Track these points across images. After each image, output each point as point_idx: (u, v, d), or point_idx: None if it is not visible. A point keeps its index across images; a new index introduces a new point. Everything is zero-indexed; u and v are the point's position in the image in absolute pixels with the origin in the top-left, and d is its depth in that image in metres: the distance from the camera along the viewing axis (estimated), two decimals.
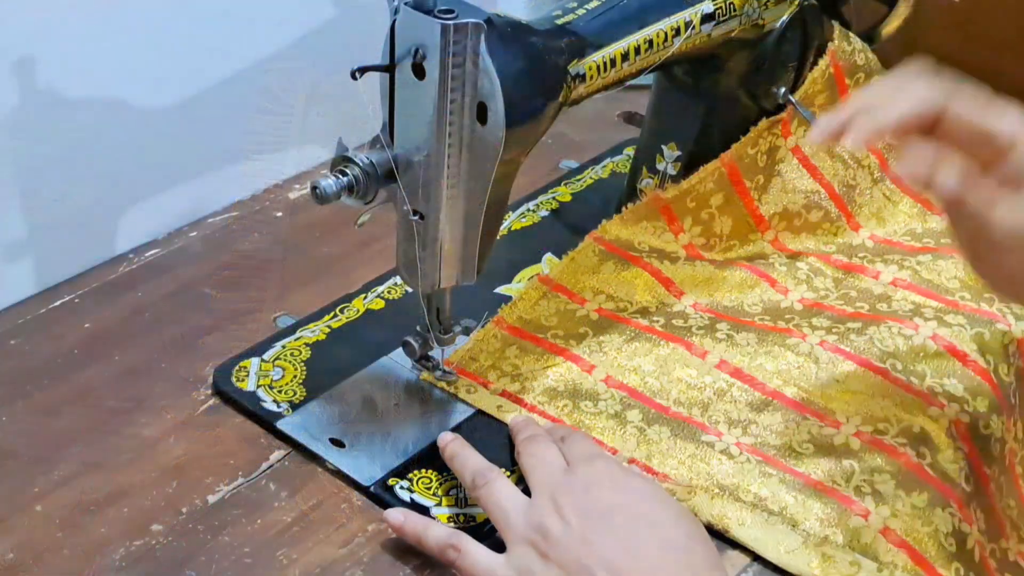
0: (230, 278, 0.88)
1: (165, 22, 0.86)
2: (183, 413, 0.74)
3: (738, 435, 0.72)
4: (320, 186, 0.64)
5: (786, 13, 0.85)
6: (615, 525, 0.60)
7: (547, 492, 0.63)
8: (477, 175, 0.66)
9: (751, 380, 0.75)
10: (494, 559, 0.62)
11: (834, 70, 0.88)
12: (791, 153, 0.88)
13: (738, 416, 0.73)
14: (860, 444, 0.70)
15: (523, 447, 0.68)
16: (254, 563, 0.65)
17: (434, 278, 0.69)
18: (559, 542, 0.60)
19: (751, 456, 0.70)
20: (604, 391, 0.75)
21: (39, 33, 0.79)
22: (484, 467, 0.66)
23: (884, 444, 0.70)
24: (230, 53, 0.92)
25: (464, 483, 0.67)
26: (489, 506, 0.64)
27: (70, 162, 0.84)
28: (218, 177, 0.95)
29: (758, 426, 0.72)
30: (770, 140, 0.87)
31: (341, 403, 0.75)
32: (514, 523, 0.62)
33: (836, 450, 0.70)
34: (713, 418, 0.73)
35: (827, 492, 0.68)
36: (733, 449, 0.71)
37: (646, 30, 0.75)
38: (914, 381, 0.74)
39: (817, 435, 0.71)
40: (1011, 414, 0.75)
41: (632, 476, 0.65)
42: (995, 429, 0.72)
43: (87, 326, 0.82)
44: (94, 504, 0.68)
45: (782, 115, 0.87)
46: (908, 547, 0.65)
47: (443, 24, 0.61)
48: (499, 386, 0.75)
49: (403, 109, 0.65)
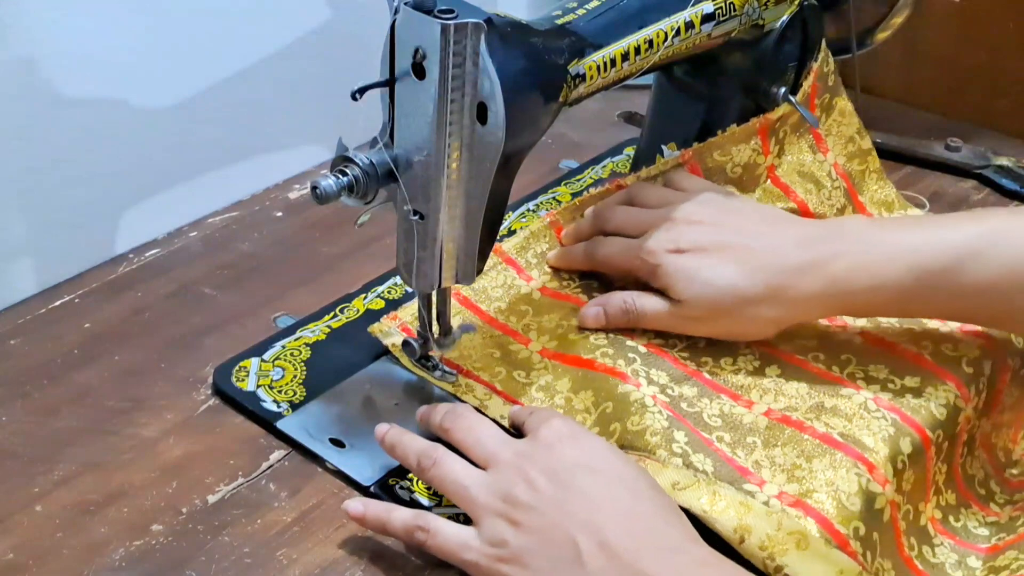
0: (230, 278, 0.88)
1: (165, 22, 0.86)
2: (183, 413, 0.74)
3: (655, 392, 0.72)
4: (320, 186, 0.64)
5: (786, 13, 0.85)
6: (583, 483, 0.60)
7: (504, 460, 0.62)
8: (477, 175, 0.66)
9: (677, 361, 0.76)
10: (465, 533, 0.61)
11: (812, 89, 0.88)
12: (767, 172, 0.87)
13: (659, 380, 0.74)
14: (768, 422, 0.71)
15: (448, 423, 0.66)
16: (254, 563, 0.65)
17: (434, 278, 0.69)
18: (530, 508, 0.60)
19: (663, 410, 0.71)
20: (538, 362, 0.75)
21: (39, 33, 0.79)
22: (427, 447, 0.65)
23: (792, 420, 0.70)
24: (230, 53, 0.92)
25: (411, 468, 0.66)
26: (445, 485, 0.63)
27: (70, 162, 0.84)
28: (218, 177, 0.95)
29: (674, 391, 0.73)
30: (749, 155, 0.85)
31: (341, 403, 0.75)
32: (477, 496, 0.61)
33: (744, 427, 0.71)
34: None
35: (728, 461, 0.68)
36: (648, 401, 0.71)
37: (646, 30, 0.75)
38: (834, 369, 0.75)
39: (728, 412, 0.72)
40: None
41: (588, 435, 0.64)
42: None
43: (87, 326, 0.82)
44: (94, 504, 0.68)
45: (756, 123, 0.85)
46: (803, 504, 0.65)
47: (443, 24, 0.61)
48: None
49: (403, 109, 0.65)
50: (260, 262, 0.89)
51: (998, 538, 0.72)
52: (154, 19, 0.86)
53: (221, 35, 0.90)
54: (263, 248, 0.91)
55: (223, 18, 0.90)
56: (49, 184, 0.84)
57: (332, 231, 0.92)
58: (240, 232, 0.93)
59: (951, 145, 1.03)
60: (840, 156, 0.91)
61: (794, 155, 0.89)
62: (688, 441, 0.69)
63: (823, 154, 0.90)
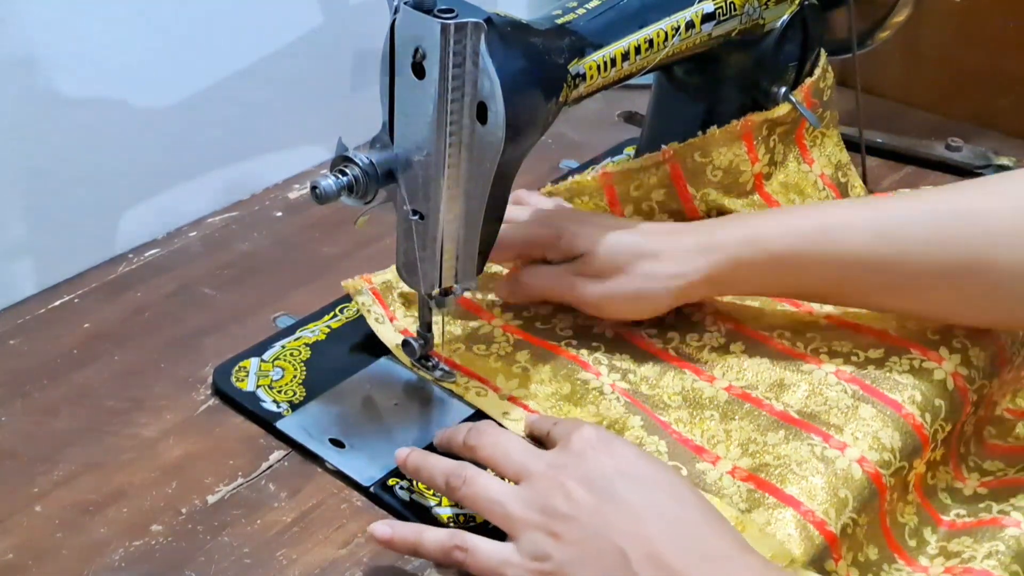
0: (230, 278, 0.88)
1: (165, 22, 0.86)
2: (183, 413, 0.74)
3: (616, 379, 0.75)
4: (320, 186, 0.64)
5: (786, 13, 0.85)
6: (623, 492, 0.59)
7: (537, 472, 0.61)
8: (477, 175, 0.66)
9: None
10: (505, 549, 0.60)
11: (806, 104, 0.88)
12: (754, 179, 0.86)
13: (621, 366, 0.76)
14: (728, 396, 0.72)
15: (473, 441, 0.65)
16: (254, 563, 0.65)
17: (434, 278, 0.69)
18: (571, 519, 0.58)
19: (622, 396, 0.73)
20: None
21: (39, 33, 0.79)
22: (455, 466, 0.64)
23: (751, 397, 0.73)
24: (230, 53, 0.92)
25: (439, 489, 0.65)
26: (478, 503, 0.62)
27: (70, 162, 0.84)
28: (218, 177, 0.95)
29: (636, 375, 0.75)
30: (731, 159, 0.84)
31: (341, 403, 0.75)
32: (513, 511, 0.60)
33: (703, 401, 0.73)
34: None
35: (682, 442, 0.70)
36: (607, 389, 0.73)
37: (646, 30, 0.75)
38: (799, 345, 0.77)
39: (689, 388, 0.74)
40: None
41: (620, 441, 0.63)
42: None
43: (87, 326, 0.82)
44: (93, 504, 0.68)
45: (736, 125, 0.84)
46: (755, 478, 0.67)
47: (443, 24, 0.61)
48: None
49: (403, 109, 0.65)
50: (260, 262, 0.89)
51: (957, 514, 0.73)
52: (154, 19, 0.86)
53: (221, 35, 0.90)
54: (263, 248, 0.91)
55: (223, 18, 0.90)
56: (49, 184, 0.84)
57: (332, 231, 0.92)
58: (240, 232, 0.93)
59: (951, 145, 1.03)
60: (826, 168, 0.90)
61: (783, 167, 0.89)
62: (644, 425, 0.70)
63: (808, 165, 0.89)
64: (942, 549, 0.70)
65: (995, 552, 0.67)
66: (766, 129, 0.85)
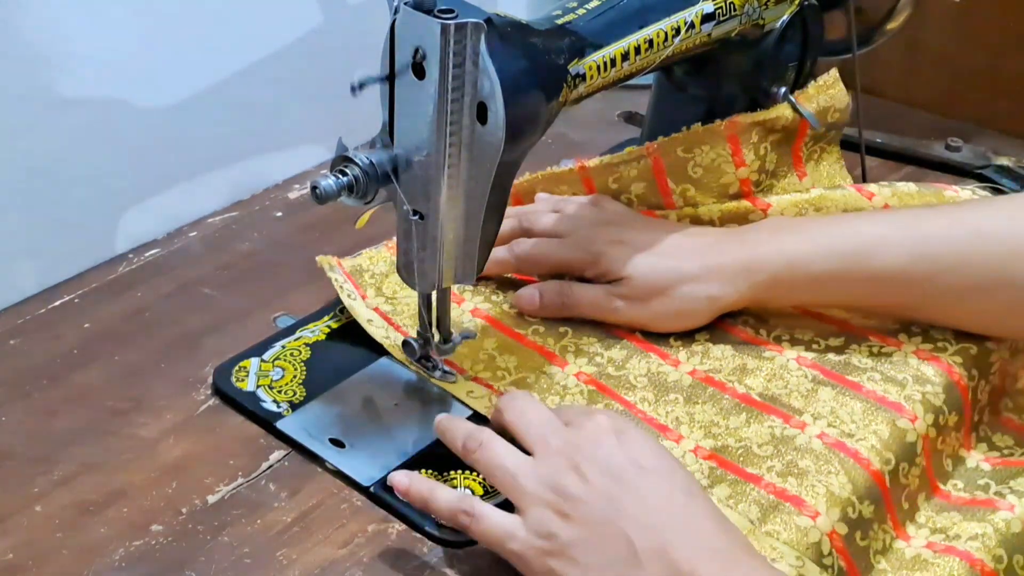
0: (230, 278, 0.88)
1: (165, 22, 0.86)
2: (183, 413, 0.74)
3: (582, 365, 0.77)
4: (320, 186, 0.64)
5: (786, 13, 0.85)
6: (636, 481, 0.59)
7: (553, 448, 0.61)
8: (477, 175, 0.66)
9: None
10: (512, 522, 0.60)
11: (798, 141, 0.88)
12: (740, 186, 0.85)
13: (588, 349, 0.78)
14: (692, 380, 0.75)
15: (504, 405, 0.66)
16: (254, 563, 0.65)
17: (434, 278, 0.69)
18: (581, 501, 0.59)
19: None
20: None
21: (39, 33, 0.79)
22: (474, 429, 0.64)
23: (714, 381, 0.75)
24: (230, 53, 0.92)
25: (456, 451, 0.65)
26: (491, 469, 0.62)
27: (70, 162, 0.84)
28: (218, 177, 0.95)
29: (603, 357, 0.78)
30: (713, 159, 0.84)
31: (341, 403, 0.75)
32: (524, 484, 0.60)
33: (667, 384, 0.75)
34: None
35: (648, 421, 0.73)
36: (571, 381, 0.75)
37: (646, 30, 0.75)
38: (761, 333, 0.79)
39: (654, 371, 0.76)
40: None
41: (633, 429, 0.63)
42: None
43: (87, 326, 0.82)
44: (94, 504, 0.68)
45: (720, 125, 0.83)
46: (717, 457, 0.69)
47: (443, 24, 0.61)
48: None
49: (403, 109, 0.65)
50: (260, 262, 0.89)
51: (954, 485, 0.73)
52: (154, 19, 0.86)
53: (221, 35, 0.90)
54: (263, 248, 0.91)
55: (223, 18, 0.90)
56: (49, 184, 0.84)
57: (332, 231, 0.92)
58: (240, 232, 0.93)
59: (951, 145, 1.03)
60: (819, 183, 0.89)
61: (779, 178, 0.88)
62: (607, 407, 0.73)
63: (798, 178, 0.88)
64: (929, 520, 0.71)
65: (982, 535, 0.68)
66: (756, 134, 0.84)
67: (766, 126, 0.85)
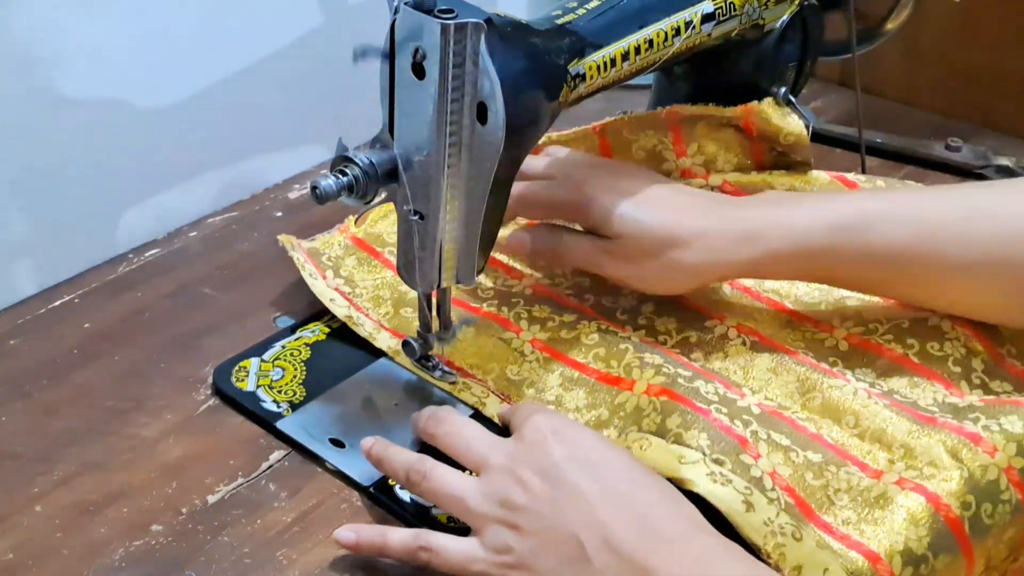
0: (230, 278, 0.88)
1: (165, 22, 0.86)
2: (183, 413, 0.74)
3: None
4: (320, 186, 0.64)
5: (786, 13, 0.85)
6: (576, 478, 0.59)
7: (494, 464, 0.61)
8: (477, 175, 0.66)
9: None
10: (469, 546, 0.60)
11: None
12: (681, 175, 0.86)
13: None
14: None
15: (432, 428, 0.66)
16: (254, 563, 0.65)
17: (434, 278, 0.69)
18: (527, 510, 0.59)
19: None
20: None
21: (39, 33, 0.79)
22: (415, 459, 0.64)
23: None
24: (230, 53, 0.92)
25: (401, 483, 0.65)
26: (438, 497, 0.62)
27: (70, 162, 0.84)
28: (218, 177, 0.95)
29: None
30: (655, 144, 0.85)
31: (341, 403, 0.75)
32: (473, 505, 0.60)
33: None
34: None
35: (600, 379, 0.73)
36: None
37: (646, 30, 0.75)
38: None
39: (605, 329, 0.76)
40: None
41: (570, 425, 0.63)
42: None
43: (87, 326, 0.82)
44: (94, 504, 0.68)
45: (662, 112, 0.84)
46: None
47: (443, 24, 0.61)
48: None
49: (403, 109, 0.65)
50: (260, 262, 0.89)
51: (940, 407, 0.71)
52: (154, 19, 0.86)
53: (221, 35, 0.90)
54: (263, 248, 0.91)
55: (223, 18, 0.90)
56: (49, 184, 0.84)
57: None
58: (240, 232, 0.93)
59: (951, 145, 1.03)
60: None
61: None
62: (562, 382, 0.73)
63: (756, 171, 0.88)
64: (906, 449, 0.68)
65: (958, 479, 0.65)
66: (702, 128, 0.85)
67: (712, 122, 0.85)
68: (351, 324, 0.79)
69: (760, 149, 0.86)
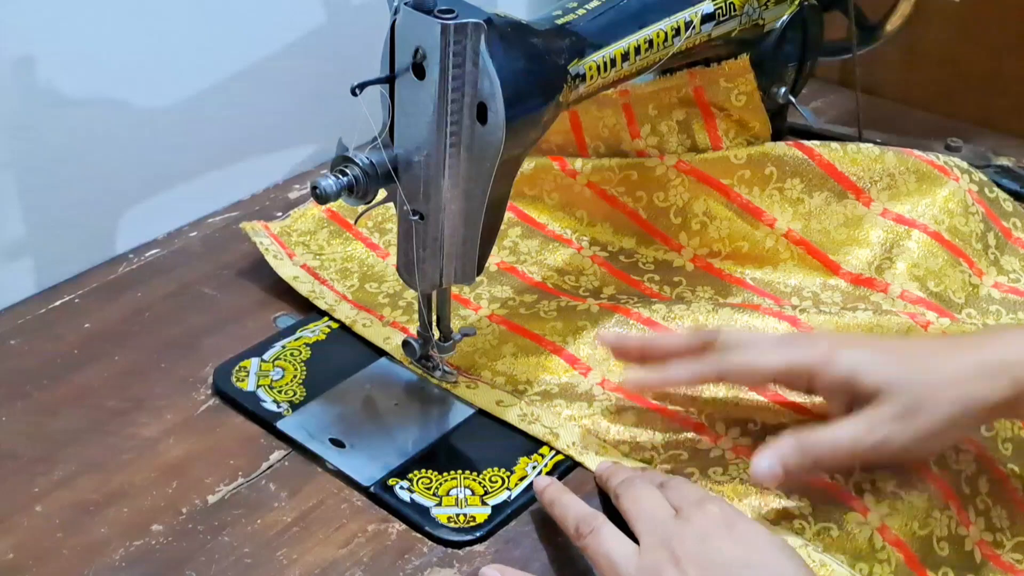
0: (230, 278, 0.88)
1: (165, 22, 0.86)
2: (183, 413, 0.74)
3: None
4: (320, 186, 0.64)
5: (786, 13, 0.85)
6: None
7: (658, 539, 0.60)
8: (477, 175, 0.66)
9: None
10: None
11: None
12: (636, 155, 0.89)
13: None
14: (599, 309, 0.77)
15: (622, 491, 0.65)
16: (254, 563, 0.65)
17: (434, 278, 0.69)
18: None
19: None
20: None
21: (39, 33, 0.79)
22: (588, 514, 0.63)
23: (619, 307, 0.79)
24: (230, 53, 0.92)
25: (567, 531, 0.64)
26: (597, 557, 0.61)
27: (70, 162, 0.84)
28: (218, 177, 0.95)
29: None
30: (614, 123, 0.88)
31: (341, 403, 0.75)
32: (624, 574, 0.59)
33: (577, 314, 0.79)
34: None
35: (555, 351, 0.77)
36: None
37: (646, 30, 0.75)
38: (665, 289, 0.84)
39: (564, 305, 0.80)
40: None
41: (745, 521, 0.61)
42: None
43: (87, 326, 0.82)
44: (94, 504, 0.68)
45: (614, 93, 0.86)
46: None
47: (443, 24, 0.61)
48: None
49: (403, 109, 0.65)
50: (260, 262, 0.89)
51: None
52: (154, 19, 0.86)
53: (221, 35, 0.90)
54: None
55: (223, 18, 0.90)
56: (49, 184, 0.84)
57: None
58: (240, 232, 0.93)
59: (951, 145, 1.03)
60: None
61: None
62: (515, 352, 0.77)
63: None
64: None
65: None
66: (654, 108, 0.87)
67: (663, 103, 0.86)
68: (312, 298, 0.81)
69: (715, 127, 0.86)
